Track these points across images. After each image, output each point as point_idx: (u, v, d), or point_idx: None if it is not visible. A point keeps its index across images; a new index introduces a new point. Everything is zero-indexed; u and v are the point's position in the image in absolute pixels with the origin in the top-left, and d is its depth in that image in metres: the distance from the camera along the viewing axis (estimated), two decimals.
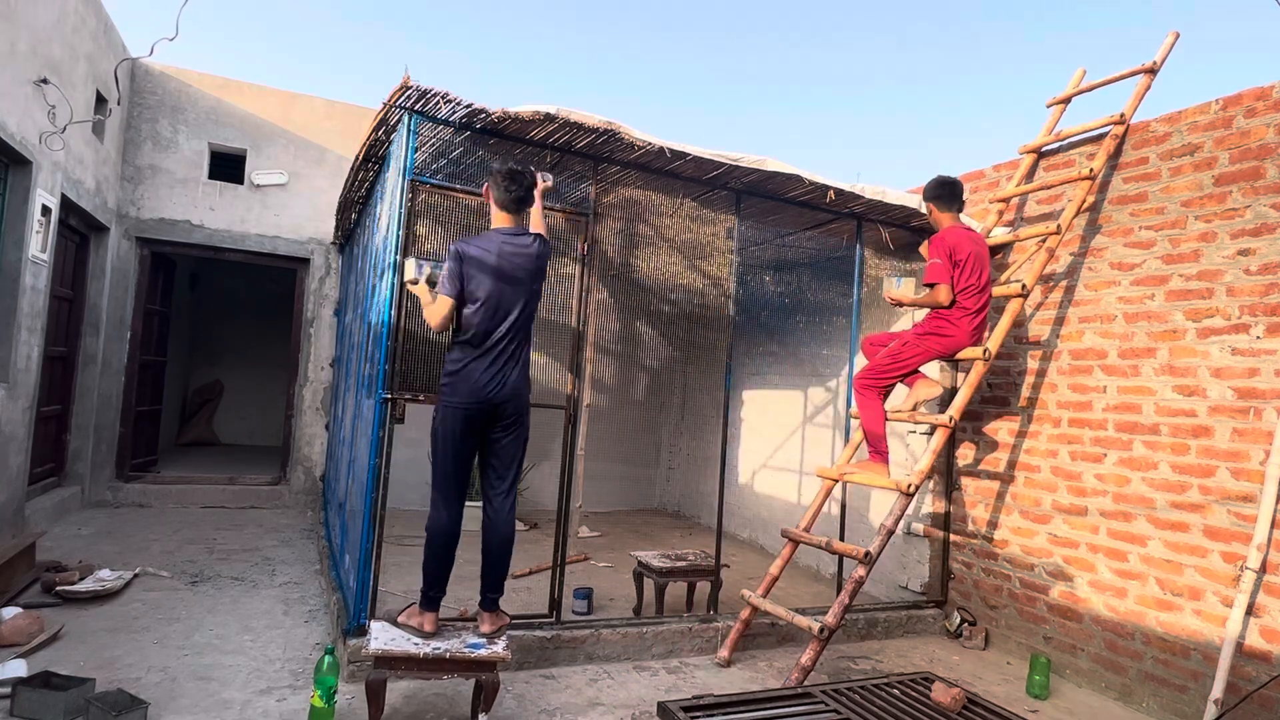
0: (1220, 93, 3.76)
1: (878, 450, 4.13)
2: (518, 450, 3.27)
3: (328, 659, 2.79)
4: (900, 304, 4.20)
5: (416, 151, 3.79)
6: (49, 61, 4.98)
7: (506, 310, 3.16)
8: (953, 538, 4.91)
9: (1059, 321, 4.39)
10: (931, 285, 4.02)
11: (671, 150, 3.80)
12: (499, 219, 3.27)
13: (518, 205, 3.26)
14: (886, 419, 4.20)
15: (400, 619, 3.10)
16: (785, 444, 6.70)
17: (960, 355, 4.19)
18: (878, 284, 5.42)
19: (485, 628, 3.13)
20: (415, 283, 3.26)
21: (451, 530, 3.18)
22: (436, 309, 3.16)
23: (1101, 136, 4.31)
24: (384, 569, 3.65)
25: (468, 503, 3.38)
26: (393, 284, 3.52)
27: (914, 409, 4.31)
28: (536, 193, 3.39)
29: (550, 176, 3.54)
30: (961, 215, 4.28)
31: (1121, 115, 4.20)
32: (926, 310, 4.18)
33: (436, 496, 3.20)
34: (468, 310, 3.15)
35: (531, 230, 3.34)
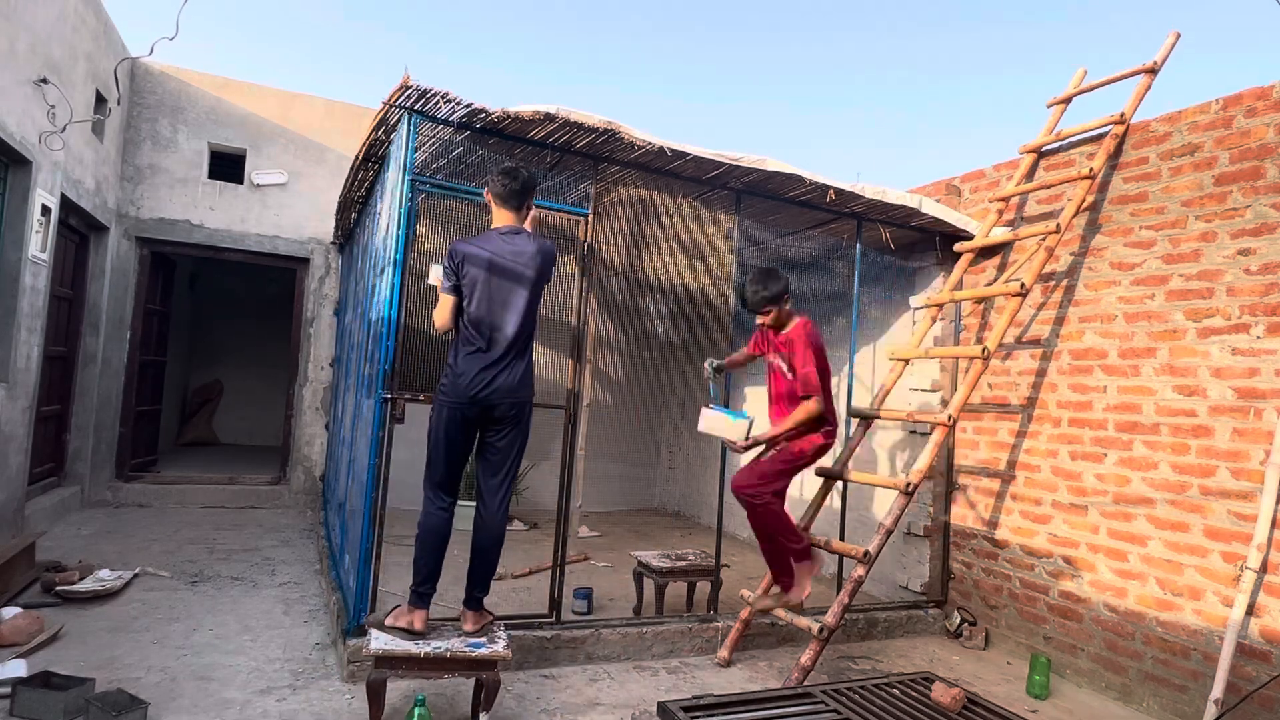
0: (1220, 93, 3.76)
1: (787, 573, 3.87)
2: (513, 451, 3.24)
3: (418, 710, 2.64)
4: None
5: (417, 151, 3.79)
6: (49, 61, 4.97)
7: (503, 308, 3.13)
8: (953, 538, 4.91)
9: (1059, 321, 4.39)
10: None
11: (671, 150, 3.80)
12: (498, 217, 3.27)
13: (516, 200, 3.24)
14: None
15: (388, 621, 3.05)
16: None
17: (958, 354, 4.18)
18: (875, 284, 5.42)
19: (468, 626, 3.12)
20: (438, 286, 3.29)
21: (444, 525, 3.18)
22: (440, 308, 3.17)
23: (1101, 136, 4.31)
24: (384, 569, 3.65)
25: (461, 502, 3.38)
26: (393, 283, 3.52)
27: (909, 415, 4.31)
28: (529, 217, 3.35)
29: (535, 209, 3.46)
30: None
31: (1122, 115, 4.20)
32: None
33: (429, 492, 3.21)
34: (466, 307, 3.14)
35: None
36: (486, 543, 3.22)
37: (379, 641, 2.90)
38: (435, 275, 3.37)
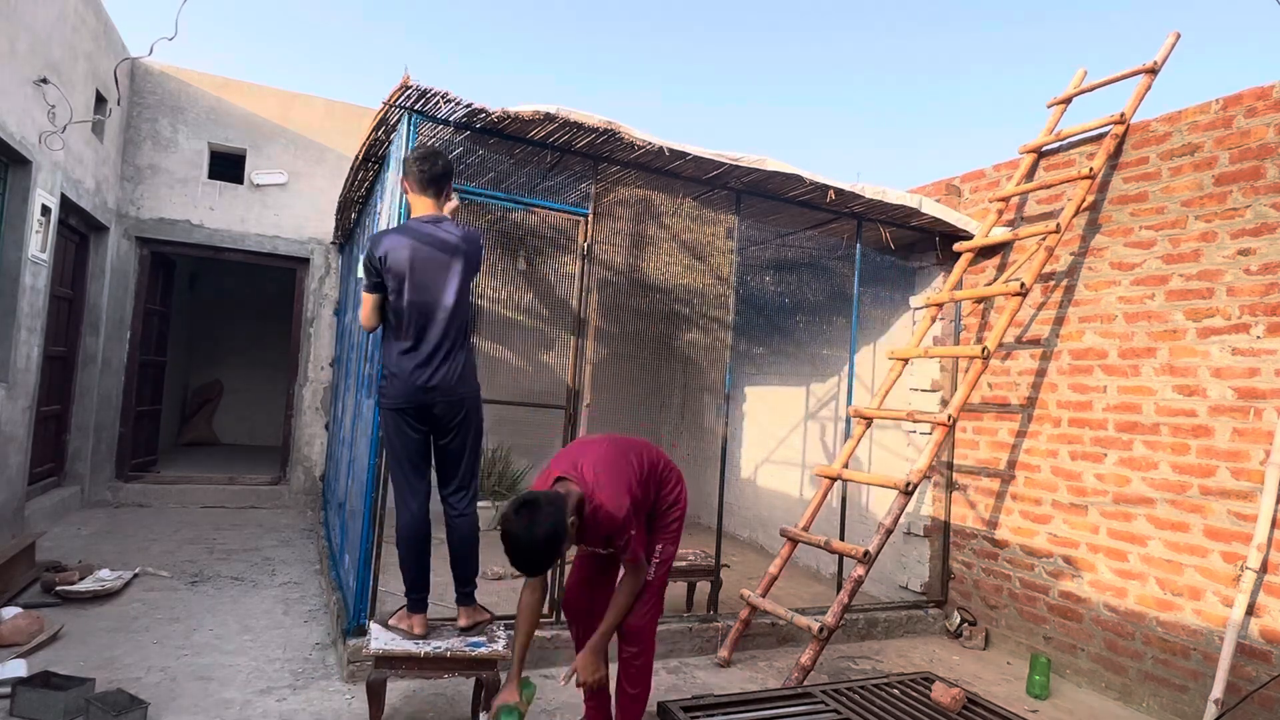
0: (1220, 92, 3.76)
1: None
2: (464, 452, 3.12)
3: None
4: None
5: None
6: (49, 61, 4.97)
7: (429, 301, 2.98)
8: (953, 538, 4.91)
9: (1059, 321, 4.39)
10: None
11: (671, 150, 3.80)
12: (418, 206, 3.12)
13: (436, 185, 3.10)
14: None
15: (391, 621, 3.09)
16: (785, 445, 6.70)
17: (958, 354, 4.19)
18: (875, 284, 5.42)
19: (462, 622, 3.11)
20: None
21: (420, 527, 3.07)
22: (363, 306, 3.07)
23: (1101, 136, 4.31)
24: (384, 569, 3.65)
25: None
26: None
27: (909, 414, 4.31)
28: (449, 206, 3.22)
29: (456, 197, 3.33)
30: None
31: (1122, 115, 4.20)
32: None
33: (398, 497, 3.11)
34: (391, 303, 3.01)
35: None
36: (459, 545, 3.16)
37: (379, 641, 2.90)
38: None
